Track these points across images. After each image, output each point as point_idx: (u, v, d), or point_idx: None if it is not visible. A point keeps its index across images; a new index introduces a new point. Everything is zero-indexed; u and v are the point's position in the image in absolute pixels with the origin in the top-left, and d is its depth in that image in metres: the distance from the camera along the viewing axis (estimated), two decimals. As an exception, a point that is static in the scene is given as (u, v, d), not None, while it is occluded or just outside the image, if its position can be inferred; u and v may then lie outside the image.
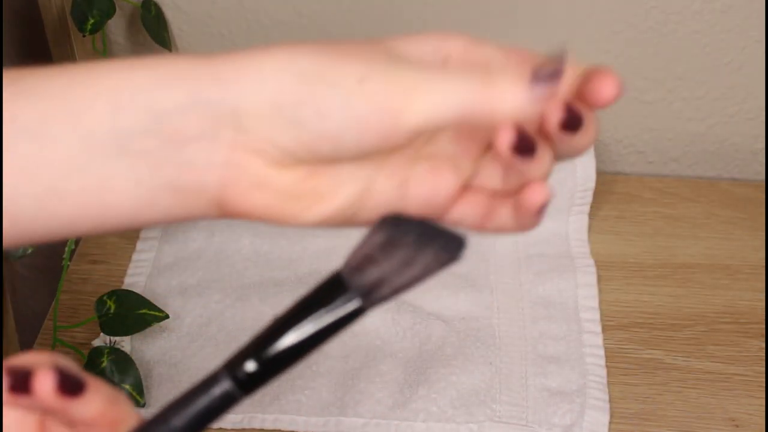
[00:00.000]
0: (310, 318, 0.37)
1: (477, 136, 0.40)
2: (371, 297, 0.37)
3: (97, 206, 0.38)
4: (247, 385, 0.37)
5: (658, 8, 0.85)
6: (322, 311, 0.37)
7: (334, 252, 0.82)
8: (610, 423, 0.71)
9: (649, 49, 0.88)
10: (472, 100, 0.36)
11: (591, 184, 0.85)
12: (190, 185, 0.38)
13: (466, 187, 0.40)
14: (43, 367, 0.37)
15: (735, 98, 0.91)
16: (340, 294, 0.37)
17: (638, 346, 0.77)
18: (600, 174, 0.87)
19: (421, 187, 0.39)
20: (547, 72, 0.36)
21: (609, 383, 0.74)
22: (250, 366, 0.38)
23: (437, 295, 0.78)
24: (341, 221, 0.40)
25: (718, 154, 0.94)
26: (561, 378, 0.73)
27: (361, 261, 0.37)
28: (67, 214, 0.38)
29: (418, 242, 0.37)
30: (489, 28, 0.88)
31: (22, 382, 0.37)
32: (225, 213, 0.39)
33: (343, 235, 0.85)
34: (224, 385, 0.37)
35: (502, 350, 0.75)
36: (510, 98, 0.36)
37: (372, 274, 0.37)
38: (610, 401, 0.72)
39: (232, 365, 0.38)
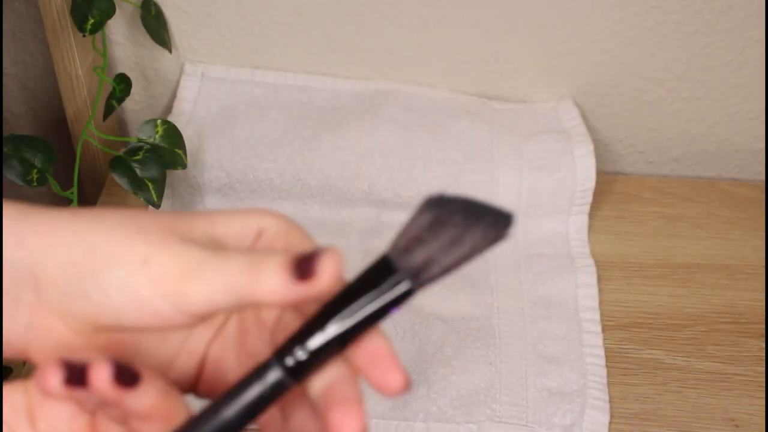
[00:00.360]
0: (359, 302, 0.37)
1: (257, 330, 0.41)
2: (420, 278, 0.37)
3: None
4: (298, 373, 0.37)
5: (658, 8, 0.85)
6: (372, 294, 0.37)
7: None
8: (610, 423, 0.71)
9: (649, 49, 0.88)
10: (242, 288, 0.36)
11: (591, 184, 0.85)
12: None
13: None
14: (98, 360, 0.37)
15: (735, 98, 0.91)
16: (388, 276, 0.37)
17: (638, 346, 0.77)
18: (600, 174, 0.87)
19: (216, 373, 0.41)
20: (305, 267, 0.36)
21: (609, 383, 0.74)
22: (301, 354, 0.37)
23: (437, 295, 0.78)
24: None
25: (718, 154, 0.94)
26: (561, 378, 0.73)
27: (408, 242, 0.37)
28: None
29: (465, 221, 0.37)
30: (489, 28, 0.88)
31: (78, 375, 0.37)
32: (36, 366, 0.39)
33: (344, 234, 0.85)
34: (275, 374, 0.37)
35: (502, 350, 0.75)
36: (272, 288, 0.36)
37: (420, 254, 0.37)
38: (610, 401, 0.72)
39: (282, 353, 0.37)
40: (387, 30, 0.89)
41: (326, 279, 0.36)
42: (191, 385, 0.42)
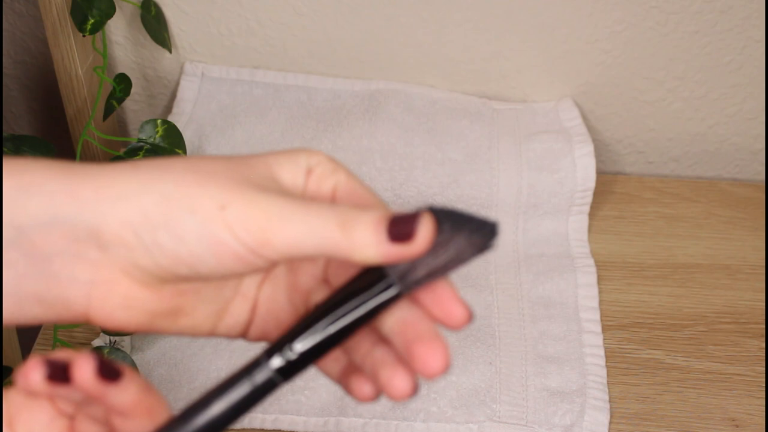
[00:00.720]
0: (349, 303, 0.38)
1: (308, 266, 0.42)
2: (407, 280, 0.38)
3: None
4: (288, 372, 0.38)
5: (658, 8, 0.85)
6: (362, 297, 0.38)
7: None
8: (610, 423, 0.71)
9: (649, 49, 0.88)
10: (330, 242, 0.37)
11: (591, 184, 0.85)
12: (56, 299, 0.38)
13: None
14: (80, 356, 0.37)
15: (735, 98, 0.91)
16: (378, 280, 0.38)
17: (638, 346, 0.77)
18: (600, 174, 0.87)
19: (266, 313, 0.42)
20: (404, 229, 0.37)
21: (609, 383, 0.74)
22: (290, 354, 0.38)
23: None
24: (199, 333, 0.42)
25: (718, 154, 0.94)
26: (561, 378, 0.73)
27: None
28: None
29: (452, 229, 0.38)
30: (489, 28, 0.88)
31: (61, 371, 0.37)
32: (95, 325, 0.40)
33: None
34: (264, 373, 0.38)
35: (502, 350, 0.75)
36: (365, 250, 0.37)
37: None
38: (610, 401, 0.72)
39: (272, 352, 0.38)
40: (387, 30, 0.89)
41: (423, 243, 0.37)
42: (243, 331, 0.42)
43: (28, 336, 0.79)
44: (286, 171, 0.40)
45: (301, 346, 0.38)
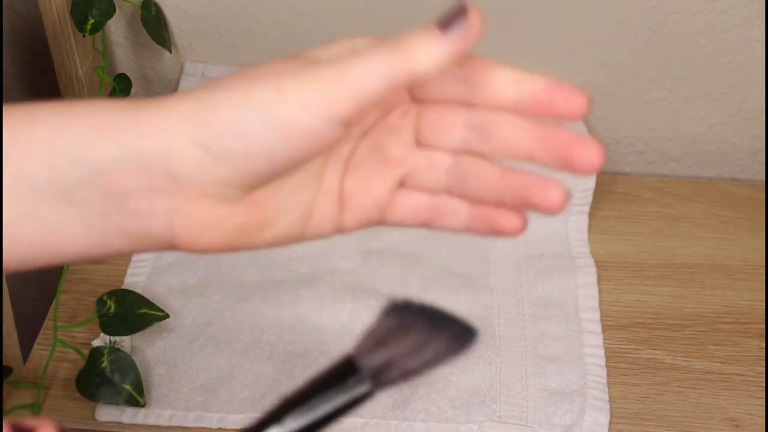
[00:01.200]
0: (319, 398, 0.38)
1: (393, 137, 0.42)
2: (381, 380, 0.38)
3: (51, 247, 0.39)
4: None
5: (658, 8, 0.85)
6: (332, 392, 0.38)
7: (333, 252, 0.82)
8: (610, 423, 0.71)
9: (649, 49, 0.88)
10: (394, 66, 0.37)
11: (591, 184, 0.85)
12: (141, 231, 0.39)
13: (402, 187, 0.43)
14: (44, 423, 0.36)
15: (735, 98, 0.91)
16: (350, 376, 0.38)
17: (638, 346, 0.77)
18: (600, 174, 0.87)
19: (358, 198, 0.42)
20: (452, 16, 0.37)
21: (609, 383, 0.74)
22: None
23: (437, 296, 0.78)
24: (290, 241, 0.42)
25: (718, 154, 0.94)
26: (561, 378, 0.73)
27: (372, 344, 0.38)
28: (24, 253, 0.39)
29: (429, 328, 0.38)
30: (488, 28, 0.88)
31: None
32: (183, 250, 0.40)
33: (344, 235, 0.85)
34: None
35: (502, 350, 0.75)
36: (428, 52, 0.37)
37: (382, 357, 0.38)
38: (610, 401, 0.72)
39: None
40: (387, 30, 0.88)
41: (477, 29, 0.38)
42: (336, 227, 0.43)
43: (29, 336, 0.79)
44: (330, 53, 0.40)
45: None
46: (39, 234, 0.38)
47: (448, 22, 0.37)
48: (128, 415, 0.70)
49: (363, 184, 0.42)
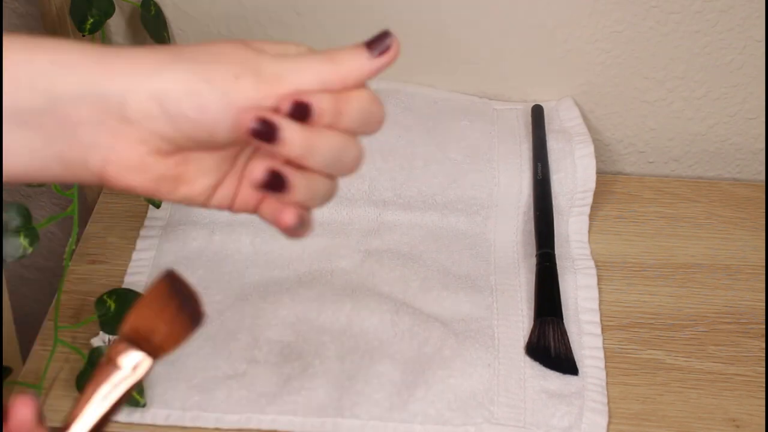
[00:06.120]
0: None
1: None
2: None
3: None
4: None
5: (658, 8, 0.85)
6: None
7: (333, 251, 0.82)
8: (609, 423, 0.71)
9: (649, 49, 0.88)
10: (328, 73, 0.44)
11: (591, 185, 0.85)
12: (77, 160, 0.44)
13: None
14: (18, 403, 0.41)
15: (735, 98, 0.91)
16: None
17: (638, 347, 0.77)
18: (600, 174, 0.87)
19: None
20: (378, 39, 0.46)
21: (609, 383, 0.73)
22: None
23: (437, 296, 0.78)
24: (196, 203, 0.47)
25: (718, 154, 0.94)
26: (559, 380, 0.73)
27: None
28: None
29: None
30: (489, 28, 0.88)
31: None
32: (106, 185, 0.45)
33: (343, 234, 0.85)
34: None
35: (500, 352, 0.75)
36: (356, 65, 0.45)
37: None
38: (610, 401, 0.72)
39: None
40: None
41: (395, 52, 0.46)
42: (230, 203, 0.48)
43: (29, 336, 0.79)
44: (277, 50, 0.46)
45: None
46: None
47: (373, 43, 0.45)
48: (125, 414, 0.70)
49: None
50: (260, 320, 0.76)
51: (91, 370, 0.70)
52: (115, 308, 0.72)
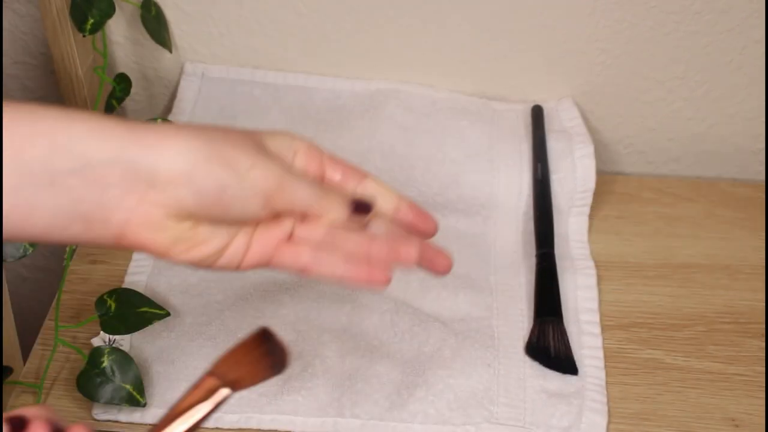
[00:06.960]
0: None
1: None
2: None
3: (20, 222, 0.46)
4: None
5: (658, 8, 0.85)
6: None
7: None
8: (609, 423, 0.71)
9: (649, 49, 0.88)
10: (316, 203, 0.53)
11: (591, 185, 0.85)
12: (100, 219, 0.48)
13: (289, 240, 0.54)
14: (37, 419, 0.43)
15: (735, 98, 0.91)
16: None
17: (638, 346, 0.77)
18: (600, 174, 0.87)
19: (256, 245, 0.53)
20: (360, 206, 0.54)
21: (609, 383, 0.74)
22: None
23: (437, 296, 0.78)
24: (206, 264, 0.52)
25: (718, 154, 0.94)
26: (559, 380, 0.73)
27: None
28: None
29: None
30: (489, 28, 0.88)
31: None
32: (122, 245, 0.49)
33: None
34: None
35: (500, 352, 0.75)
36: (334, 215, 0.53)
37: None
38: (610, 401, 0.72)
39: None
40: (387, 30, 0.89)
41: (372, 215, 0.54)
42: (238, 263, 0.53)
43: (29, 336, 0.79)
44: (279, 148, 0.53)
45: None
46: (15, 208, 0.45)
47: (358, 207, 0.54)
48: (125, 414, 0.70)
49: (262, 236, 0.53)
50: (261, 320, 0.76)
51: (91, 369, 0.70)
52: (116, 308, 0.72)
